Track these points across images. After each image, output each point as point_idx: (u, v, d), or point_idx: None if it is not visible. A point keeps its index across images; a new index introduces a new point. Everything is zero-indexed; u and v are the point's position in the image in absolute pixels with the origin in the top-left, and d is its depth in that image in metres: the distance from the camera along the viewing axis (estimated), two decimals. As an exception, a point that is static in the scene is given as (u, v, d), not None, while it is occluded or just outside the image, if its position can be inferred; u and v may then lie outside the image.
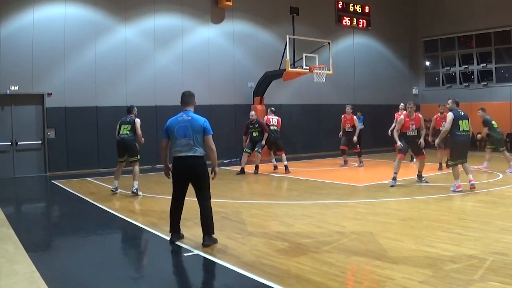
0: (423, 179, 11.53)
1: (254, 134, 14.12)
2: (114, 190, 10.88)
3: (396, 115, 15.93)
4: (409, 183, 11.46)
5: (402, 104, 15.63)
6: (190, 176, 6.30)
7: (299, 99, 20.37)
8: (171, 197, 6.51)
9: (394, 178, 10.97)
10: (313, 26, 20.48)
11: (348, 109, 15.26)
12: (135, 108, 11.25)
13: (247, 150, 14.23)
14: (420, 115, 11.65)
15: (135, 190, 10.50)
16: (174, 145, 6.28)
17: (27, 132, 14.85)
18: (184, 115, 6.36)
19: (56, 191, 12.04)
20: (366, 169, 15.01)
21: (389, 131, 14.93)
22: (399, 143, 11.27)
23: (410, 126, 11.33)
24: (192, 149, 6.23)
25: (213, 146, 6.40)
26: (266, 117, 15.07)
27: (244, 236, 6.77)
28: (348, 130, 15.23)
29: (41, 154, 15.14)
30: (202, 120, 6.35)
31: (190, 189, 6.50)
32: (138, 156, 11.05)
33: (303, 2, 19.83)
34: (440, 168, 14.31)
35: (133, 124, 10.86)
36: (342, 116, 15.39)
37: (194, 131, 6.25)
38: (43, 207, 10.63)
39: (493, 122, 14.07)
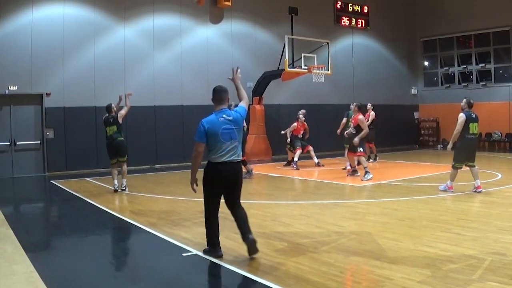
0: (357, 174, 12.66)
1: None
2: (116, 188, 11.10)
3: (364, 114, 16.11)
4: (408, 183, 11.47)
5: (369, 104, 16.26)
6: (231, 183, 5.59)
7: (298, 99, 20.36)
8: (205, 214, 5.71)
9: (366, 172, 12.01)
10: (312, 26, 20.49)
11: (369, 105, 16.09)
12: (113, 105, 11.51)
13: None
14: (360, 117, 12.50)
15: (124, 188, 11.11)
16: (214, 149, 5.48)
17: (25, 132, 14.84)
18: (224, 115, 5.55)
19: (54, 191, 12.03)
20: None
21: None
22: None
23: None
24: (236, 152, 5.56)
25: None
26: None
27: (243, 236, 6.76)
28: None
29: (40, 154, 15.12)
30: (240, 115, 5.65)
31: (188, 187, 6.48)
32: (127, 156, 11.51)
33: (302, 2, 19.83)
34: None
35: (116, 122, 11.10)
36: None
37: (239, 131, 5.60)
38: (41, 207, 10.62)
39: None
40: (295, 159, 15.08)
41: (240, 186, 5.70)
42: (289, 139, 15.65)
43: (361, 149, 12.18)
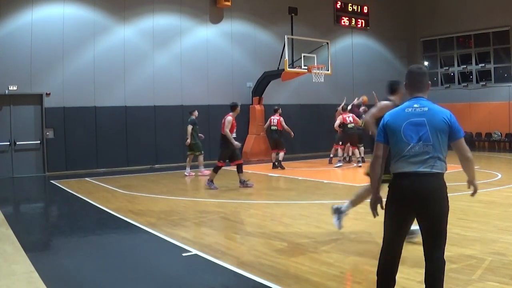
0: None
1: None
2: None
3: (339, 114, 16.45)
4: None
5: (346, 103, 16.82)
6: (421, 206, 3.78)
7: (297, 99, 20.37)
8: (382, 244, 4.09)
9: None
10: (311, 26, 20.48)
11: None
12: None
13: None
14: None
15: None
16: (395, 154, 3.83)
17: (25, 132, 14.83)
18: (415, 105, 3.84)
19: (54, 191, 12.03)
20: (364, 169, 15.01)
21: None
22: None
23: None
24: (429, 161, 3.74)
25: (469, 154, 3.97)
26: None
27: (243, 236, 6.77)
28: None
29: (40, 154, 15.12)
30: (447, 113, 3.81)
31: (188, 187, 6.47)
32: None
33: (301, 2, 19.83)
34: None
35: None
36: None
37: (436, 130, 3.73)
38: (41, 207, 10.62)
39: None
40: (280, 159, 15.35)
41: (438, 216, 3.96)
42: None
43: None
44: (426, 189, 3.73)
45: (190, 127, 13.85)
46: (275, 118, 15.43)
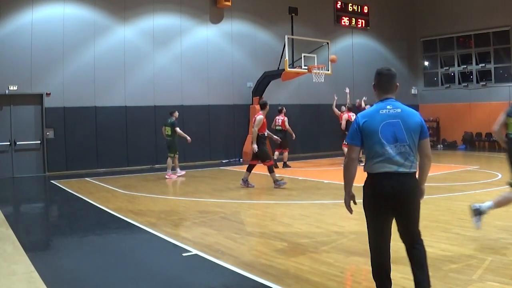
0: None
1: None
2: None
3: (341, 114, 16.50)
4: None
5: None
6: (399, 204, 3.91)
7: (298, 99, 20.38)
8: (370, 248, 4.14)
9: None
10: (312, 26, 20.49)
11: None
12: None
13: None
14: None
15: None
16: (373, 155, 3.91)
17: (26, 132, 14.83)
18: (388, 106, 3.96)
19: (55, 191, 12.03)
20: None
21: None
22: None
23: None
24: (406, 161, 3.86)
25: (431, 153, 4.10)
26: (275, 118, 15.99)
27: (243, 236, 6.77)
28: None
29: (40, 154, 15.12)
30: (417, 114, 4.00)
31: (187, 188, 6.48)
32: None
33: (302, 2, 19.83)
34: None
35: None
36: None
37: (410, 131, 3.88)
38: (42, 207, 10.63)
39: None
40: (285, 160, 15.83)
41: (414, 210, 4.06)
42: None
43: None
44: (406, 188, 3.89)
45: (177, 129, 13.48)
46: (279, 118, 15.81)
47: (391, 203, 3.89)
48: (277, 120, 15.83)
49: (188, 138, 13.46)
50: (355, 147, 3.99)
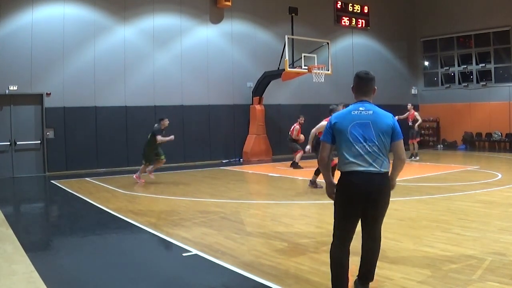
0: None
1: None
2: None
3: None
4: (408, 183, 11.47)
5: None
6: (368, 202, 4.08)
7: (298, 99, 20.37)
8: (333, 234, 4.47)
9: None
10: (312, 26, 20.49)
11: (410, 106, 18.02)
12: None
13: None
14: None
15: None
16: (344, 154, 4.12)
17: (26, 132, 14.83)
18: (361, 108, 4.19)
19: (55, 191, 12.03)
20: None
21: None
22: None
23: None
24: (376, 161, 4.05)
25: (404, 156, 4.24)
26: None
27: (243, 236, 6.77)
28: (410, 124, 17.55)
29: (40, 154, 15.12)
30: (390, 116, 4.22)
31: (187, 188, 6.47)
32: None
33: (302, 2, 19.83)
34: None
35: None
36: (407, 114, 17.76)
37: (380, 132, 4.08)
38: (42, 207, 10.63)
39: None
40: (296, 160, 15.69)
41: (381, 208, 4.20)
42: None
43: None
44: (376, 187, 4.06)
45: (158, 137, 12.05)
46: (292, 126, 16.14)
47: (360, 201, 4.07)
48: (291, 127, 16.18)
49: (168, 138, 12.24)
50: (325, 143, 4.24)
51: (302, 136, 15.73)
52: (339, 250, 4.31)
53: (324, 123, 10.61)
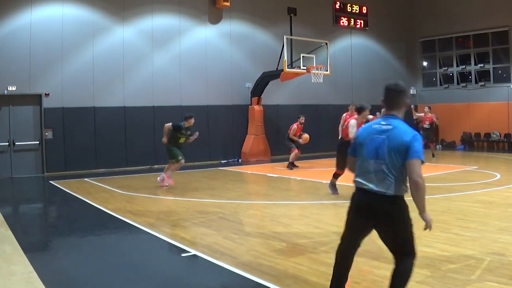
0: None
1: None
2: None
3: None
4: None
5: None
6: (375, 225, 3.91)
7: (296, 99, 20.37)
8: (339, 246, 4.19)
9: None
10: (310, 26, 20.49)
11: (427, 109, 17.86)
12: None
13: None
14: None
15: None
16: (357, 168, 3.98)
17: (24, 132, 14.82)
18: (382, 122, 3.88)
19: (53, 192, 12.02)
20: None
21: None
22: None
23: None
24: (384, 182, 3.73)
25: (418, 178, 3.66)
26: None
27: (242, 236, 6.77)
28: (426, 126, 17.40)
29: (39, 155, 15.11)
30: (410, 134, 3.73)
31: (187, 188, 6.47)
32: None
33: (300, 3, 19.84)
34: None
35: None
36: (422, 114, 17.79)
37: (392, 150, 3.71)
38: (40, 208, 10.62)
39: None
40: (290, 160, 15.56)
41: (395, 226, 3.83)
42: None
43: None
44: (381, 211, 3.77)
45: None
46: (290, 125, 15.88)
47: (365, 220, 3.90)
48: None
49: (193, 137, 11.94)
50: (350, 157, 4.13)
51: (305, 136, 15.51)
52: (340, 251, 4.15)
53: (354, 121, 9.83)
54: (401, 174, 3.72)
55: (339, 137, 10.55)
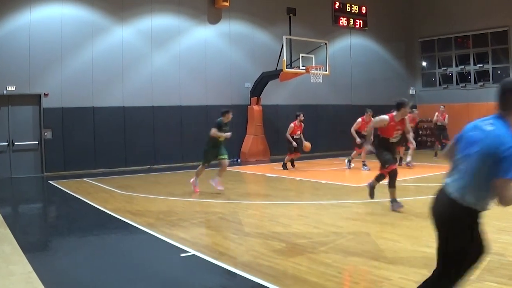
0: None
1: None
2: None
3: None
4: (406, 183, 11.48)
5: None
6: (435, 225, 3.42)
7: (296, 99, 20.37)
8: None
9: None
10: (310, 26, 20.49)
11: (442, 107, 18.58)
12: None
13: None
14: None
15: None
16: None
17: (24, 132, 14.81)
18: (486, 121, 3.32)
19: (53, 192, 12.01)
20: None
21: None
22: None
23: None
24: (458, 182, 3.25)
25: (501, 198, 3.13)
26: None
27: (241, 236, 6.77)
28: (441, 124, 18.17)
29: (38, 155, 15.10)
30: (507, 142, 3.04)
31: (186, 188, 6.47)
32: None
33: (300, 3, 19.84)
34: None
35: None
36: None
37: (480, 153, 3.14)
38: (40, 208, 10.61)
39: None
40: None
41: (447, 239, 3.34)
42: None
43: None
44: (439, 211, 3.37)
45: (213, 130, 11.29)
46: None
47: (432, 217, 3.44)
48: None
49: (225, 134, 11.37)
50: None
51: (307, 144, 15.00)
52: None
53: (384, 117, 8.58)
54: (478, 181, 3.23)
55: (371, 137, 8.88)
